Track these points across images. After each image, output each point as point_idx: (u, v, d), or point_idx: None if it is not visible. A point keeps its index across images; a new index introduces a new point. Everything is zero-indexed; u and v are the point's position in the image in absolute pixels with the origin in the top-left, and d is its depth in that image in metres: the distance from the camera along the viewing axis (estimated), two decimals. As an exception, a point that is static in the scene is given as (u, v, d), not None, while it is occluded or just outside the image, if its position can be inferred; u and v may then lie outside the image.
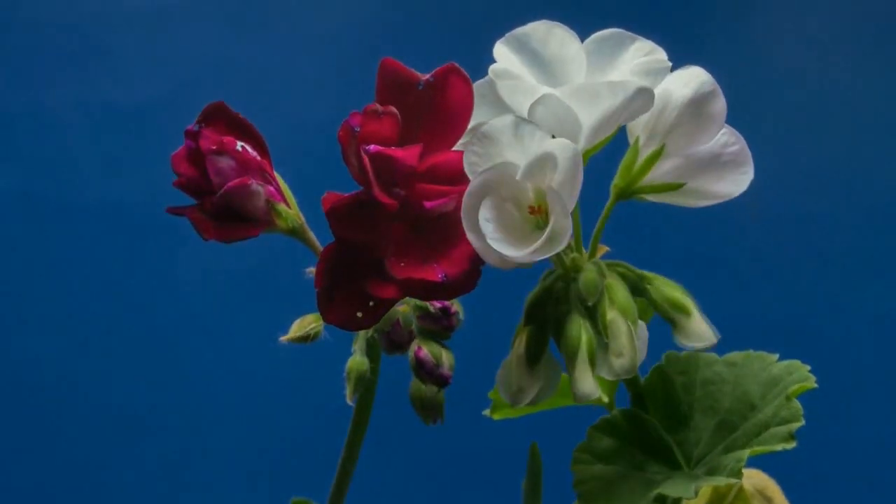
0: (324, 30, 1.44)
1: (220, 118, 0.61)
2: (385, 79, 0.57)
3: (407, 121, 0.57)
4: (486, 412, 0.74)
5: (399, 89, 0.57)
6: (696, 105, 0.57)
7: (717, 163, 0.57)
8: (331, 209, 0.55)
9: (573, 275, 0.57)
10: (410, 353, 0.63)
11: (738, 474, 0.57)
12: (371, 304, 0.55)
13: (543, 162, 0.53)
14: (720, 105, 0.57)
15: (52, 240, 1.39)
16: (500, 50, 0.57)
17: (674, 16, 1.37)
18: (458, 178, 0.55)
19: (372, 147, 0.55)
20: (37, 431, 1.38)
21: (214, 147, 0.59)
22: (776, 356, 0.62)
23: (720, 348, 0.64)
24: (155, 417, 1.38)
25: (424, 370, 0.62)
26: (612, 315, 0.56)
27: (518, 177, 0.53)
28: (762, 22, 1.44)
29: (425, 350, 0.62)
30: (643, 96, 0.54)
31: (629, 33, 0.57)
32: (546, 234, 0.52)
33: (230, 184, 0.58)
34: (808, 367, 0.60)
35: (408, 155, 0.55)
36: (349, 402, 0.63)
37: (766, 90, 1.41)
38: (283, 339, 0.62)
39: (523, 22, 0.59)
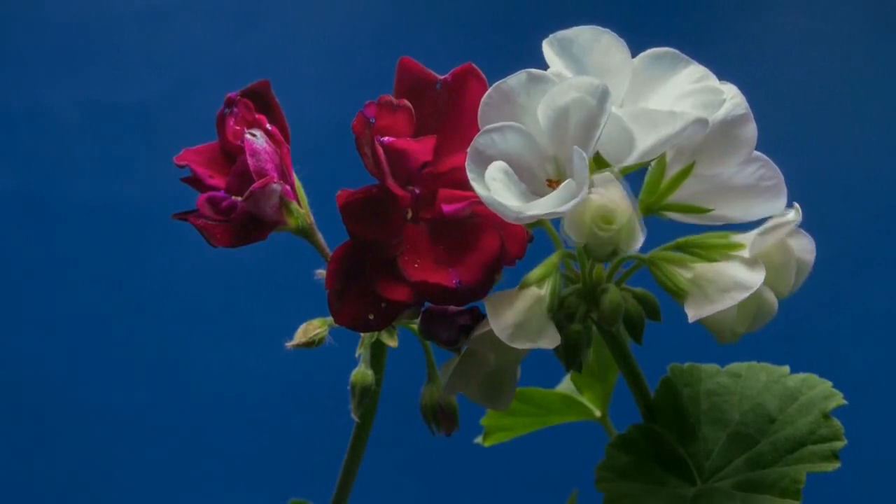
0: (325, 28, 1.43)
1: (256, 99, 0.60)
2: (403, 78, 0.56)
3: (424, 120, 0.56)
4: (478, 440, 0.74)
5: (417, 89, 0.56)
6: (727, 127, 0.55)
7: (749, 194, 0.55)
8: (344, 204, 0.54)
9: (594, 290, 0.55)
10: (418, 322, 0.59)
11: (797, 495, 0.56)
12: (382, 305, 0.54)
13: (560, 120, 0.52)
14: (751, 129, 0.55)
15: (52, 239, 1.38)
16: (546, 50, 0.55)
17: (676, 14, 1.36)
18: None
19: (386, 138, 0.54)
20: (33, 432, 1.37)
21: (248, 126, 0.58)
22: (786, 368, 0.61)
23: (723, 356, 0.64)
24: (154, 418, 1.37)
25: (445, 315, 0.57)
26: (697, 269, 0.54)
27: (540, 141, 0.52)
28: (765, 21, 1.44)
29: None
30: (698, 127, 0.53)
31: (683, 56, 0.55)
32: (564, 185, 0.50)
33: (255, 186, 0.56)
34: (830, 383, 0.59)
35: (421, 148, 0.54)
36: (354, 416, 0.62)
37: (765, 89, 1.40)
38: (289, 345, 0.61)
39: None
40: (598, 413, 0.73)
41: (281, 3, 1.44)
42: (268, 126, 0.59)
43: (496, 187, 0.51)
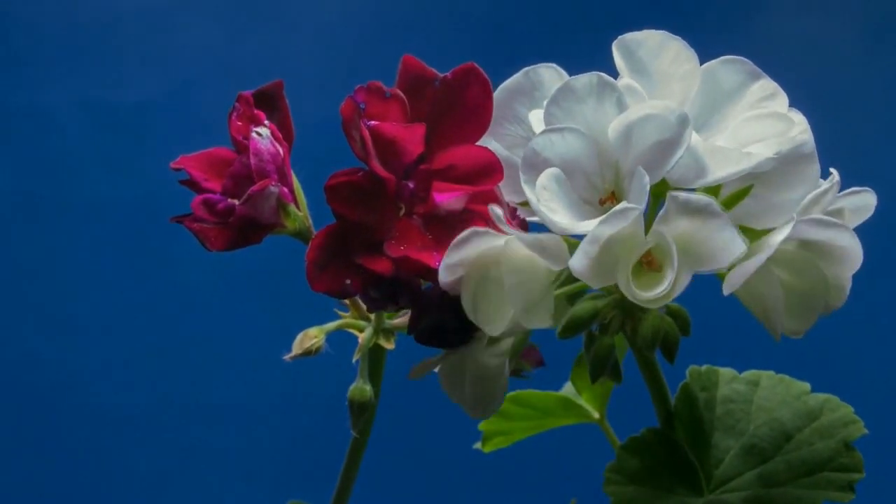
0: (325, 28, 1.44)
1: (266, 99, 0.59)
2: (404, 75, 0.55)
3: (423, 117, 0.55)
4: (477, 445, 0.72)
5: (417, 86, 0.55)
6: (790, 162, 0.52)
7: None
8: (330, 186, 0.53)
9: (633, 307, 0.52)
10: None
11: None
12: (360, 272, 0.53)
13: (631, 135, 0.50)
14: (814, 170, 0.53)
15: (52, 239, 1.38)
16: (614, 52, 0.53)
17: (672, 14, 1.35)
18: (473, 176, 0.54)
19: (373, 122, 0.53)
20: (35, 431, 1.36)
21: (248, 121, 0.57)
22: (807, 385, 0.59)
23: (736, 360, 0.62)
24: (155, 417, 1.36)
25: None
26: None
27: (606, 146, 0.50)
28: (761, 23, 1.43)
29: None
30: (768, 163, 0.51)
31: (754, 67, 0.53)
32: (617, 207, 0.48)
33: (253, 189, 0.55)
34: (851, 408, 0.58)
35: (410, 136, 0.53)
36: (353, 432, 0.60)
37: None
38: (287, 357, 0.60)
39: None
40: (596, 415, 0.71)
41: (282, 4, 1.44)
42: (266, 122, 0.57)
43: (545, 197, 0.49)
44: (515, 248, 0.50)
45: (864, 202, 0.54)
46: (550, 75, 0.54)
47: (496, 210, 0.50)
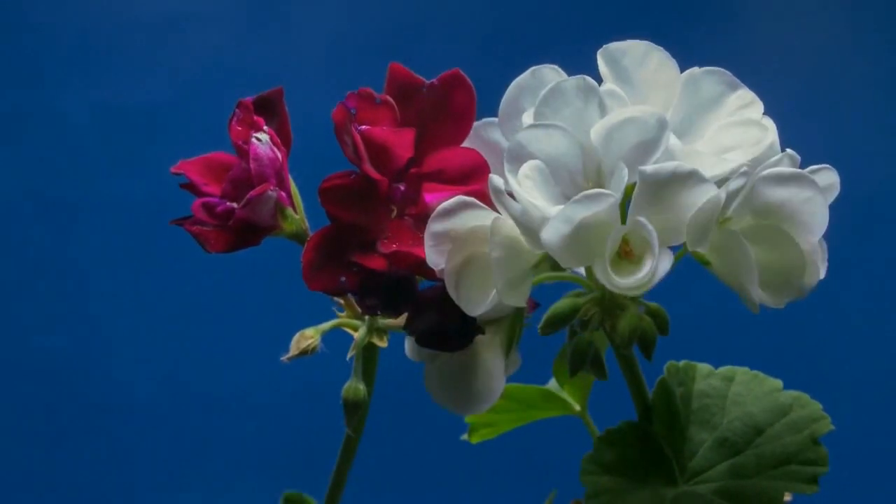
0: (328, 35, 1.42)
1: (265, 105, 0.60)
2: (392, 82, 0.57)
3: (411, 123, 0.56)
4: (464, 437, 0.73)
5: (405, 92, 0.56)
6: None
7: None
8: (324, 189, 0.54)
9: (614, 309, 0.53)
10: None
11: None
12: (355, 269, 0.54)
13: (613, 138, 0.51)
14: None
15: (62, 239, 1.38)
16: (599, 61, 0.54)
17: (664, 14, 1.35)
18: (462, 177, 0.55)
19: (364, 127, 0.54)
20: (44, 427, 1.37)
21: (248, 126, 0.58)
22: (779, 382, 0.60)
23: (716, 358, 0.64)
24: (157, 412, 1.37)
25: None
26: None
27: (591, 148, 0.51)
28: (748, 26, 1.43)
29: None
30: (744, 169, 0.51)
31: (733, 77, 0.55)
32: (592, 191, 0.49)
33: (252, 193, 0.56)
34: (820, 405, 0.59)
35: (400, 140, 0.55)
36: (349, 430, 0.61)
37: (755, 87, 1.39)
38: (285, 358, 0.60)
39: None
40: (577, 408, 0.71)
41: (287, 12, 1.44)
42: (265, 128, 0.58)
43: (528, 185, 0.50)
44: (504, 223, 0.51)
45: (827, 180, 0.54)
46: (552, 76, 0.55)
47: (496, 181, 0.51)
